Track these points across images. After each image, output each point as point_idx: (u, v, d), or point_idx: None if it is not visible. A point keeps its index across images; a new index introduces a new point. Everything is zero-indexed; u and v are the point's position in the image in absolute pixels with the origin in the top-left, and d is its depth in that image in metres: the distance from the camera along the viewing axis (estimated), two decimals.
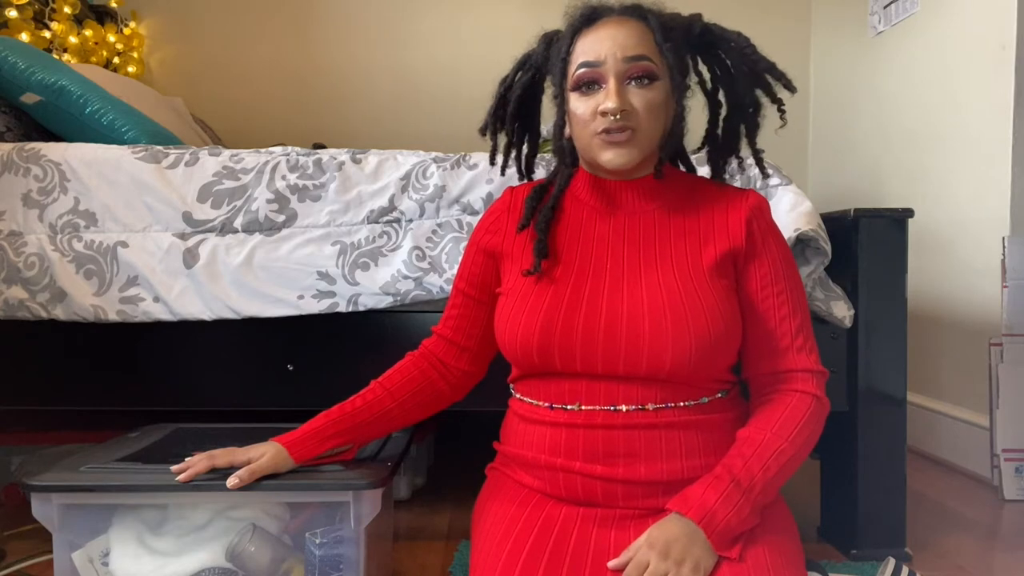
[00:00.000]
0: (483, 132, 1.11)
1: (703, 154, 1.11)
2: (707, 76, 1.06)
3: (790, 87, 1.01)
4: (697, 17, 1.01)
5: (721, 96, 1.06)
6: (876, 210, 1.39)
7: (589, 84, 0.93)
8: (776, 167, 1.42)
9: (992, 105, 2.00)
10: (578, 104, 0.95)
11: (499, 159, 1.14)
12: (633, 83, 0.92)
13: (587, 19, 0.96)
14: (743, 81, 1.01)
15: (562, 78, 0.97)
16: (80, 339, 1.41)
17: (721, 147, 1.08)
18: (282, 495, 1.04)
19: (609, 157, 0.94)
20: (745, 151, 1.07)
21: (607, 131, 0.92)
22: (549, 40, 1.04)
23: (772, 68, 1.01)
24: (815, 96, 3.03)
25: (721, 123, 1.07)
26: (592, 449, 0.91)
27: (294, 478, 0.99)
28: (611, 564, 0.84)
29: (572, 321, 0.92)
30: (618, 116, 0.91)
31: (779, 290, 0.97)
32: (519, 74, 1.07)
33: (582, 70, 0.93)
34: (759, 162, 1.07)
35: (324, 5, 2.95)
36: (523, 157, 1.15)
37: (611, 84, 0.92)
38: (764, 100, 1.03)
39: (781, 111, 1.02)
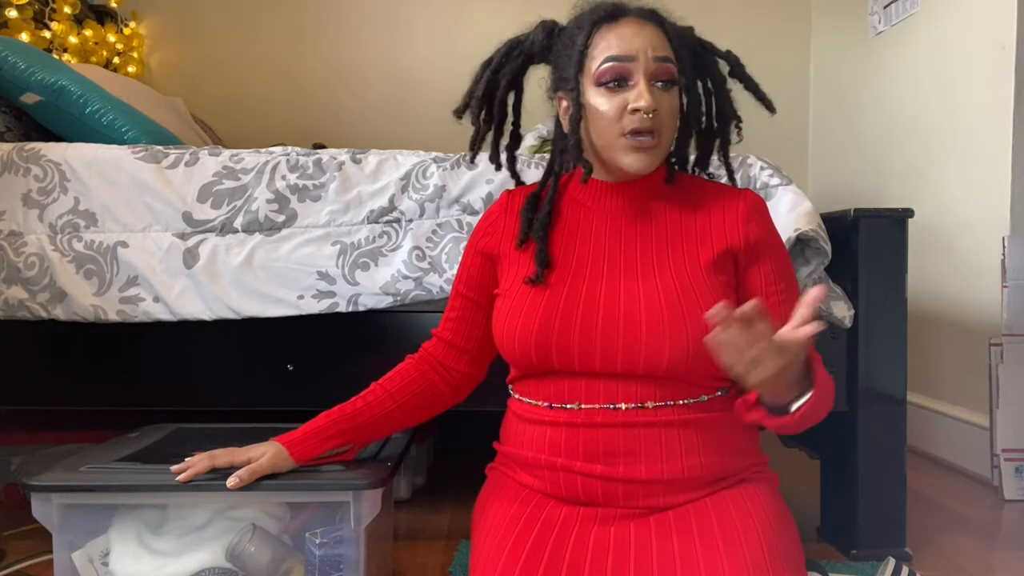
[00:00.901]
0: (459, 114, 1.07)
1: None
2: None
3: (771, 109, 1.03)
4: (689, 30, 1.03)
5: (703, 107, 1.06)
6: (876, 210, 1.40)
7: (616, 80, 0.92)
8: (776, 167, 1.42)
9: (992, 105, 2.00)
10: (601, 100, 0.93)
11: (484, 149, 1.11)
12: (658, 85, 0.93)
13: (610, 15, 0.95)
14: (727, 97, 1.04)
15: (577, 71, 0.95)
16: (80, 339, 1.41)
17: (697, 159, 1.09)
18: (282, 495, 1.04)
19: (630, 161, 0.94)
20: (717, 164, 1.10)
21: (636, 132, 0.92)
22: (550, 30, 1.03)
23: (757, 89, 1.04)
24: (815, 96, 3.02)
25: (702, 129, 1.08)
26: (592, 448, 0.91)
27: (294, 478, 0.99)
28: (710, 313, 0.75)
29: (570, 320, 0.92)
30: (650, 115, 0.91)
31: (779, 289, 0.97)
32: (507, 59, 1.05)
33: (610, 63, 0.92)
34: (730, 174, 1.10)
35: (324, 5, 2.95)
36: (500, 145, 1.12)
37: (642, 83, 0.92)
38: (742, 112, 1.05)
39: (738, 127, 1.05)
